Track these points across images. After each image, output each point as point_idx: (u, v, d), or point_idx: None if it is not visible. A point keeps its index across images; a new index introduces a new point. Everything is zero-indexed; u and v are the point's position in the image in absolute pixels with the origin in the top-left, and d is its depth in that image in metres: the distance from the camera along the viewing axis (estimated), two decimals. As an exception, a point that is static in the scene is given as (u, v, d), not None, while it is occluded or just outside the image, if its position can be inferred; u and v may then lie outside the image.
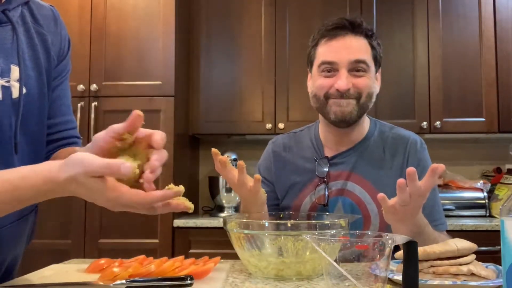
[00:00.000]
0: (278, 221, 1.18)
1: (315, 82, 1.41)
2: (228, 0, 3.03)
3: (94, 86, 2.67)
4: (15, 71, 0.95)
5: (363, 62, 1.36)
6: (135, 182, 0.78)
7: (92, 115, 2.65)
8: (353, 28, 1.38)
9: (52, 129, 1.08)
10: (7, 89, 0.94)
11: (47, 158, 1.09)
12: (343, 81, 1.33)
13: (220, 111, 2.98)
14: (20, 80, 0.96)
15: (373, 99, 1.41)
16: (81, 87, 2.66)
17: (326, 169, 1.42)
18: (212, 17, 3.03)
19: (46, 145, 1.08)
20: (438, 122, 2.87)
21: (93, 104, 2.65)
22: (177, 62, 2.73)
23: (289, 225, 1.09)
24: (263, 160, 1.54)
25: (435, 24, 2.94)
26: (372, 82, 1.39)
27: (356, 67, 1.35)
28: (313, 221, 1.13)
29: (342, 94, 1.34)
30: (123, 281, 0.90)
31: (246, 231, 1.04)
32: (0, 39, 0.93)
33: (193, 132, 2.99)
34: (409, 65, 2.94)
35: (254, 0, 3.01)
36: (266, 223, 1.11)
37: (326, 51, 1.38)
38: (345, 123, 1.38)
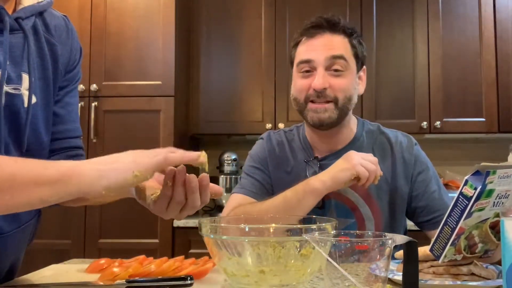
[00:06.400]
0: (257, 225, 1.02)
1: (295, 84, 1.38)
2: (228, 0, 3.03)
3: (94, 86, 2.67)
4: (25, 80, 0.94)
5: (341, 57, 1.32)
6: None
7: (92, 115, 2.65)
8: (331, 26, 1.36)
9: (57, 135, 1.06)
10: (13, 97, 0.92)
11: None
12: (319, 80, 1.30)
13: (220, 111, 2.98)
14: (29, 89, 0.94)
15: (354, 101, 1.36)
16: (81, 87, 2.66)
17: (317, 170, 1.37)
18: (212, 17, 3.03)
19: (49, 154, 1.04)
20: (438, 122, 2.87)
21: (93, 104, 2.66)
22: (177, 62, 2.73)
23: (271, 230, 0.97)
24: (257, 153, 1.48)
25: (435, 24, 2.94)
26: (351, 82, 1.34)
27: (334, 66, 1.31)
28: (299, 225, 0.99)
29: (319, 94, 1.31)
30: (123, 281, 0.90)
31: (212, 236, 0.88)
32: (11, 46, 0.92)
33: (193, 132, 2.99)
34: (409, 65, 2.94)
35: (254, 0, 3.01)
36: (247, 227, 0.95)
37: (304, 50, 1.36)
38: (324, 127, 1.35)
